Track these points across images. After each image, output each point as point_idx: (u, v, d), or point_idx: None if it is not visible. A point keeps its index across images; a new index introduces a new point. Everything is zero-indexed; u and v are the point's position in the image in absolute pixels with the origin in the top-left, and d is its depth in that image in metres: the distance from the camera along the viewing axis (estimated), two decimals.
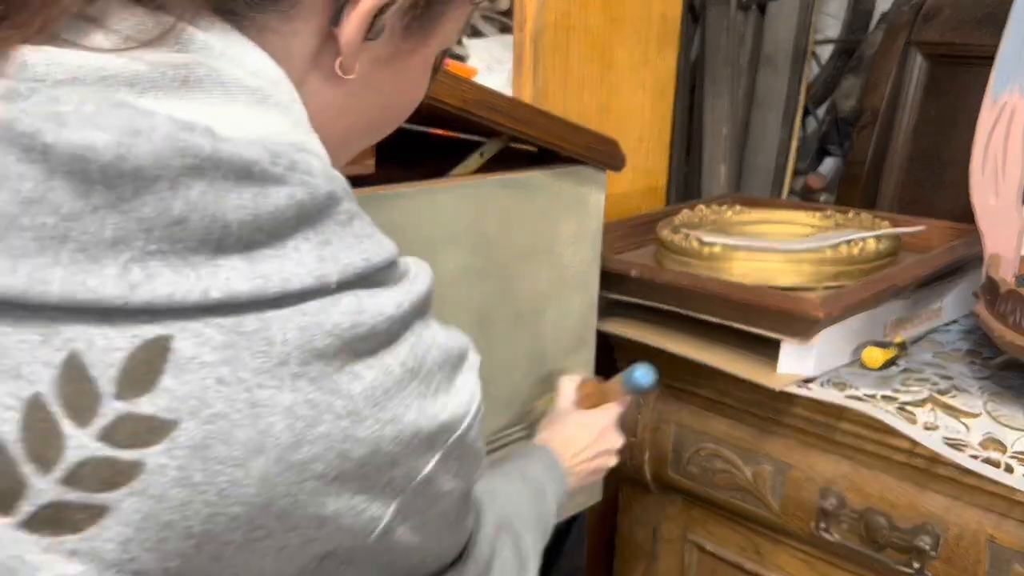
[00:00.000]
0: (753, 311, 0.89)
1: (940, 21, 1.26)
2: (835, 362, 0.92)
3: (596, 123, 1.17)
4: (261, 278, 0.30)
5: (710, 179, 1.45)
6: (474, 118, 0.78)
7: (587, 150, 0.89)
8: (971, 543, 0.79)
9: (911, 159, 1.29)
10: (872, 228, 1.09)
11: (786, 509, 0.93)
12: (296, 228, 0.32)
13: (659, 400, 1.06)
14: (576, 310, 0.96)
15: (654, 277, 0.98)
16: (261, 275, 0.30)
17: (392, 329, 0.34)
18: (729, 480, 0.99)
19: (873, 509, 0.86)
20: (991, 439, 0.79)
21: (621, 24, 1.18)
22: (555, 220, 0.89)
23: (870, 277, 0.94)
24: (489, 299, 0.85)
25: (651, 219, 1.19)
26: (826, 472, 0.90)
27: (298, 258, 0.31)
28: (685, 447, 1.03)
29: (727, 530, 1.03)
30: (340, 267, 0.33)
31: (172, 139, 0.29)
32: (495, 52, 1.38)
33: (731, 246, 1.00)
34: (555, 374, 0.89)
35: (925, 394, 0.86)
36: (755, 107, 1.45)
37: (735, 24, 1.41)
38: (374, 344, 0.33)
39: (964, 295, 1.06)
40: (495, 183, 0.82)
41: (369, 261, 0.34)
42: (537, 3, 1.05)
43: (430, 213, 0.77)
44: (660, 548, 1.12)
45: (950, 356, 0.97)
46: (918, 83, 1.28)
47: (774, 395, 0.90)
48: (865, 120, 1.32)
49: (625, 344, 1.07)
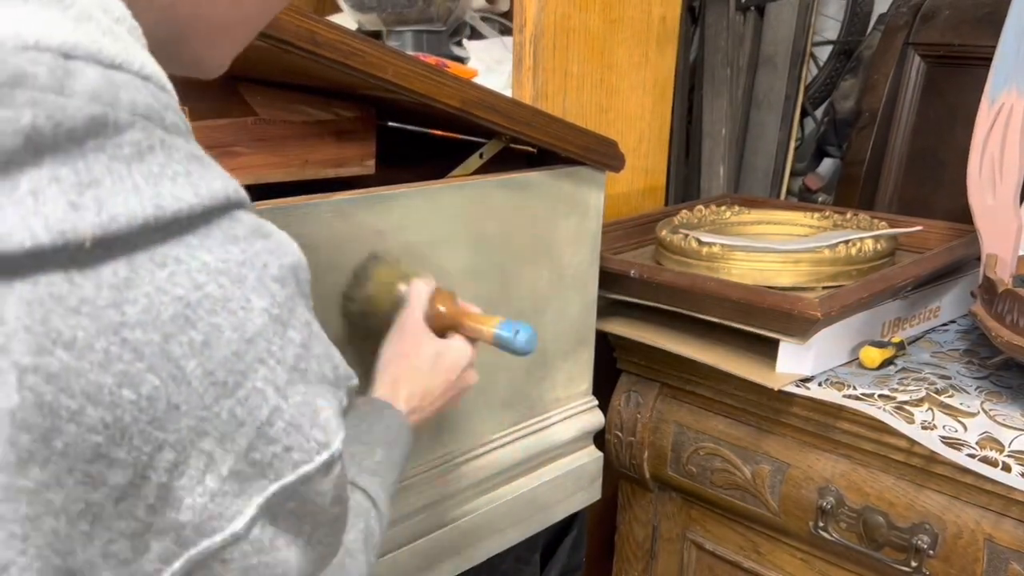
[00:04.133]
0: (752, 311, 0.89)
1: (938, 22, 1.26)
2: (833, 362, 0.93)
3: (595, 124, 1.17)
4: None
5: (709, 179, 1.46)
6: (474, 119, 0.78)
7: (586, 151, 0.89)
8: (969, 542, 0.80)
9: (909, 160, 1.30)
10: (870, 228, 1.09)
11: (785, 508, 0.94)
12: (32, 163, 0.23)
13: (658, 399, 1.06)
14: (575, 310, 0.96)
15: (653, 277, 0.98)
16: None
17: (193, 317, 0.25)
18: (728, 479, 0.99)
19: (871, 508, 0.86)
20: (988, 438, 0.79)
21: (620, 25, 1.18)
22: (554, 220, 0.90)
23: (868, 277, 0.95)
24: (489, 299, 0.85)
25: (650, 219, 1.19)
26: (824, 471, 0.90)
27: (33, 205, 0.23)
28: (684, 446, 1.03)
29: (726, 529, 1.04)
30: (104, 218, 0.24)
31: None
32: (495, 53, 1.39)
33: (730, 246, 1.00)
34: (403, 270, 0.74)
35: (923, 393, 0.87)
36: (754, 108, 1.46)
37: (734, 25, 1.41)
38: (159, 335, 0.25)
39: (962, 295, 1.06)
40: (495, 183, 0.83)
41: (161, 209, 0.25)
42: (537, 5, 1.06)
43: (430, 213, 0.77)
44: (659, 547, 1.12)
45: (948, 356, 0.97)
46: (916, 84, 1.29)
47: (773, 394, 0.90)
48: (863, 121, 1.32)
49: (624, 344, 1.07)
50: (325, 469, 0.30)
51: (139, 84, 0.26)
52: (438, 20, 1.44)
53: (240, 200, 0.28)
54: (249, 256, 0.27)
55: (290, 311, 0.28)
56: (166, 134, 0.26)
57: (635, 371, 1.09)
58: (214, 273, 0.26)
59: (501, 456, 0.91)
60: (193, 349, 0.25)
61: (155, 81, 0.28)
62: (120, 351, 0.24)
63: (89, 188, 0.24)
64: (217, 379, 0.26)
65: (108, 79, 0.25)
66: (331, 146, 0.87)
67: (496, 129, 0.81)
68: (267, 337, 0.27)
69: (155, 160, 0.26)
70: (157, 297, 0.25)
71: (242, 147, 0.81)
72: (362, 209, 0.71)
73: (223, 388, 0.26)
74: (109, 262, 0.24)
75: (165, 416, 0.25)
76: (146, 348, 0.24)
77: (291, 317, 0.29)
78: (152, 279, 0.25)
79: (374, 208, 0.73)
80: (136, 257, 0.25)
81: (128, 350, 0.24)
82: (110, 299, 0.24)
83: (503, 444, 0.92)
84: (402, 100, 0.78)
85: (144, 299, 0.25)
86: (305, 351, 0.29)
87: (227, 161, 0.81)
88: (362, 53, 0.67)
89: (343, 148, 0.88)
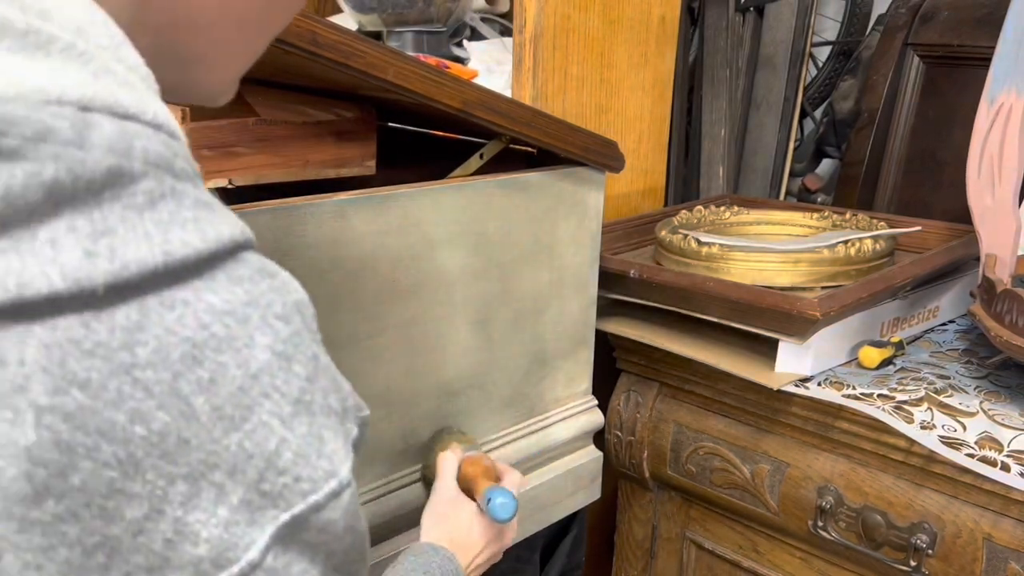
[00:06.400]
0: (751, 311, 0.90)
1: (937, 23, 1.27)
2: (832, 361, 0.93)
3: (595, 124, 1.17)
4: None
5: (708, 180, 1.46)
6: (474, 119, 0.78)
7: (586, 151, 0.89)
8: (968, 541, 0.80)
9: (908, 160, 1.30)
10: (869, 229, 1.09)
11: (784, 507, 0.94)
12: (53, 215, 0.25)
13: (658, 399, 1.06)
14: (575, 310, 0.96)
15: (653, 277, 0.98)
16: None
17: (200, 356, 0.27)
18: (727, 479, 0.99)
19: (870, 507, 0.86)
20: (987, 438, 0.79)
21: (620, 26, 1.19)
22: (554, 221, 0.90)
23: (867, 277, 0.95)
24: (489, 299, 0.85)
25: (650, 220, 1.20)
26: (823, 471, 0.90)
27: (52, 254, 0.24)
28: (683, 446, 1.03)
29: (725, 528, 1.04)
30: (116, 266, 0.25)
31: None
32: (495, 54, 1.39)
33: (729, 246, 1.00)
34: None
35: (922, 393, 0.87)
36: (753, 108, 1.46)
37: (733, 26, 1.42)
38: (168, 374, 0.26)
39: (961, 295, 1.07)
40: (495, 184, 0.83)
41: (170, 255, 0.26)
42: (537, 6, 1.06)
43: (430, 213, 0.77)
44: (659, 546, 1.12)
45: (947, 355, 0.98)
46: (915, 84, 1.29)
47: (772, 394, 0.91)
48: (862, 121, 1.32)
49: (624, 343, 1.07)
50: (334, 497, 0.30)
51: (151, 133, 0.28)
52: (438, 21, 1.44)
53: (246, 241, 0.29)
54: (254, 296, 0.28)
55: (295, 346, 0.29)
56: (176, 181, 0.27)
57: (635, 371, 1.09)
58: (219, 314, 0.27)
59: (501, 456, 0.91)
60: (201, 386, 0.27)
61: (166, 129, 0.29)
62: (132, 390, 0.25)
63: (103, 237, 0.25)
64: (224, 413, 0.27)
65: (123, 130, 0.26)
66: (332, 147, 0.87)
67: (496, 130, 0.81)
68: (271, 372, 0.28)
69: (166, 207, 0.27)
70: (166, 338, 0.26)
71: (243, 147, 0.82)
72: (362, 209, 0.72)
73: (231, 422, 0.27)
74: (121, 306, 0.25)
75: (176, 450, 0.26)
76: (156, 387, 0.26)
77: (295, 352, 0.29)
78: (161, 321, 0.26)
79: (374, 208, 0.73)
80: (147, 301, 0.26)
81: (139, 389, 0.25)
82: (122, 341, 0.25)
83: (503, 444, 0.92)
84: (403, 101, 0.78)
85: (154, 341, 0.26)
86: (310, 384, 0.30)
87: (228, 161, 0.81)
88: (363, 54, 0.68)
89: (344, 149, 0.88)
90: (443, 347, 0.82)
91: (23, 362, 0.24)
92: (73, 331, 0.24)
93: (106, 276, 0.25)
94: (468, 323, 0.84)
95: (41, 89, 0.25)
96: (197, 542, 0.27)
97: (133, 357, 0.25)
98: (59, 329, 0.24)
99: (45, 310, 0.24)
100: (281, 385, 0.29)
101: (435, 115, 0.85)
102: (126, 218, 0.26)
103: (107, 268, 0.25)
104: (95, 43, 0.28)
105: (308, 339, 0.30)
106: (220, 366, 0.27)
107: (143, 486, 0.25)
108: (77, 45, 0.27)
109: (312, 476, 0.30)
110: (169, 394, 0.26)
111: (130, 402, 0.25)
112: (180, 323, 0.26)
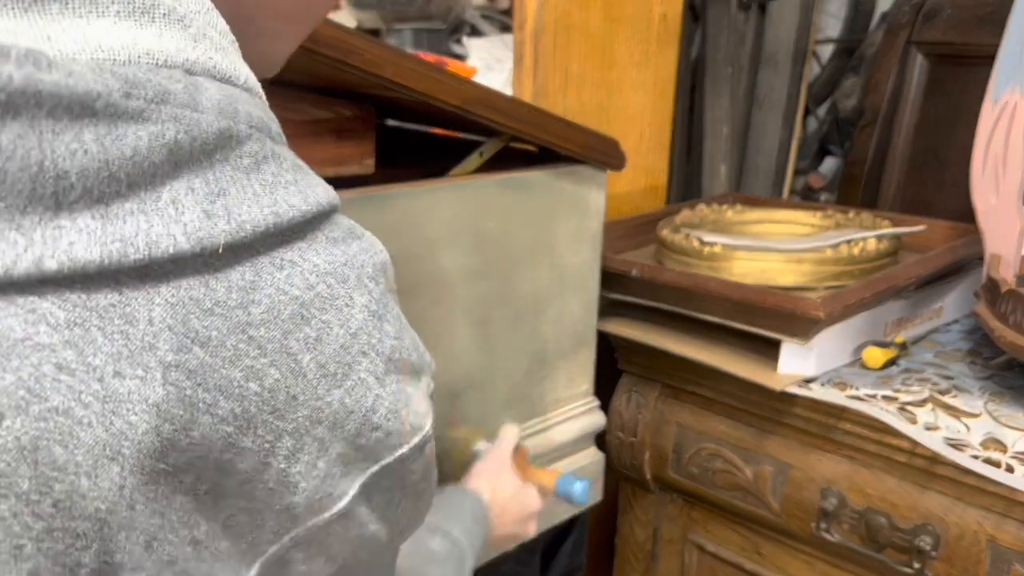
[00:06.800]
0: (754, 311, 0.89)
1: (941, 20, 1.26)
2: (836, 362, 0.92)
3: (596, 122, 1.17)
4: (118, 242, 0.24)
5: (710, 178, 1.45)
6: (474, 117, 0.78)
7: (587, 149, 0.89)
8: (971, 543, 0.79)
9: (912, 159, 1.29)
10: (873, 228, 1.09)
11: (787, 509, 0.93)
12: (174, 176, 0.26)
13: (660, 400, 1.06)
14: (576, 310, 0.95)
15: (654, 277, 0.98)
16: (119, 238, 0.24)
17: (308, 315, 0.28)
18: (730, 480, 0.98)
19: (874, 509, 0.85)
20: (992, 439, 0.79)
21: (621, 23, 1.18)
22: (555, 220, 0.89)
23: (871, 277, 0.94)
24: (489, 299, 0.85)
25: (651, 219, 1.19)
26: (827, 472, 0.90)
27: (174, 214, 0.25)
28: (685, 447, 1.03)
29: (728, 530, 1.03)
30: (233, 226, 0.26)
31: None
32: (495, 51, 1.38)
33: (731, 246, 0.99)
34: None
35: (926, 394, 0.86)
36: (756, 107, 1.45)
37: (736, 23, 1.41)
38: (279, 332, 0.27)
39: (965, 295, 1.06)
40: (495, 183, 0.82)
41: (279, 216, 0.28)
42: (537, 2, 1.05)
43: (430, 213, 0.77)
44: (660, 548, 1.12)
45: (951, 356, 0.97)
46: (919, 83, 1.28)
47: (775, 395, 0.90)
48: (866, 120, 1.32)
49: (625, 344, 1.07)
50: (418, 450, 0.33)
51: (247, 97, 0.29)
52: (438, 18, 1.44)
53: (336, 204, 0.31)
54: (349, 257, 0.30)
55: (384, 306, 0.31)
56: (274, 144, 0.29)
57: (636, 372, 1.09)
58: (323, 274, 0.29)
59: None
60: (307, 344, 0.28)
61: (256, 93, 0.30)
62: (247, 348, 0.27)
63: (219, 198, 0.26)
64: (328, 371, 0.29)
65: (226, 93, 0.28)
66: (330, 145, 0.86)
67: (496, 128, 0.81)
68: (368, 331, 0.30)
69: (269, 170, 0.28)
70: (277, 297, 0.27)
71: None
72: (361, 208, 0.71)
73: (333, 379, 0.29)
74: (237, 266, 0.27)
75: (285, 406, 0.28)
76: (268, 344, 0.27)
77: (385, 311, 0.31)
78: (273, 281, 0.27)
79: (373, 207, 0.72)
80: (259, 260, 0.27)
81: (254, 346, 0.27)
82: (239, 300, 0.26)
83: None
84: (402, 98, 0.77)
85: (267, 300, 0.27)
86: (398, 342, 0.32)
87: None
88: (361, 51, 0.67)
89: (342, 147, 0.87)
90: (442, 347, 0.82)
91: (151, 321, 0.25)
92: (195, 290, 0.26)
93: (225, 236, 0.26)
94: (468, 323, 0.83)
95: (149, 53, 0.26)
96: (296, 491, 0.29)
97: (248, 316, 0.26)
98: (182, 288, 0.25)
99: (170, 270, 0.25)
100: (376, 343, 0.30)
101: (434, 113, 0.84)
102: (236, 179, 0.27)
103: (225, 228, 0.26)
104: (191, 7, 0.29)
105: (391, 298, 0.32)
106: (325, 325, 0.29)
107: (254, 440, 0.27)
108: (177, 10, 0.28)
109: (401, 431, 0.32)
110: (280, 352, 0.27)
111: (245, 359, 0.26)
112: (289, 282, 0.28)
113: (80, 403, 0.24)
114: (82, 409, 0.24)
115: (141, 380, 0.25)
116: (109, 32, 0.26)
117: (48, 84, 0.23)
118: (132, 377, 0.24)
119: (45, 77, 0.23)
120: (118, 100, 0.25)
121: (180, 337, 0.25)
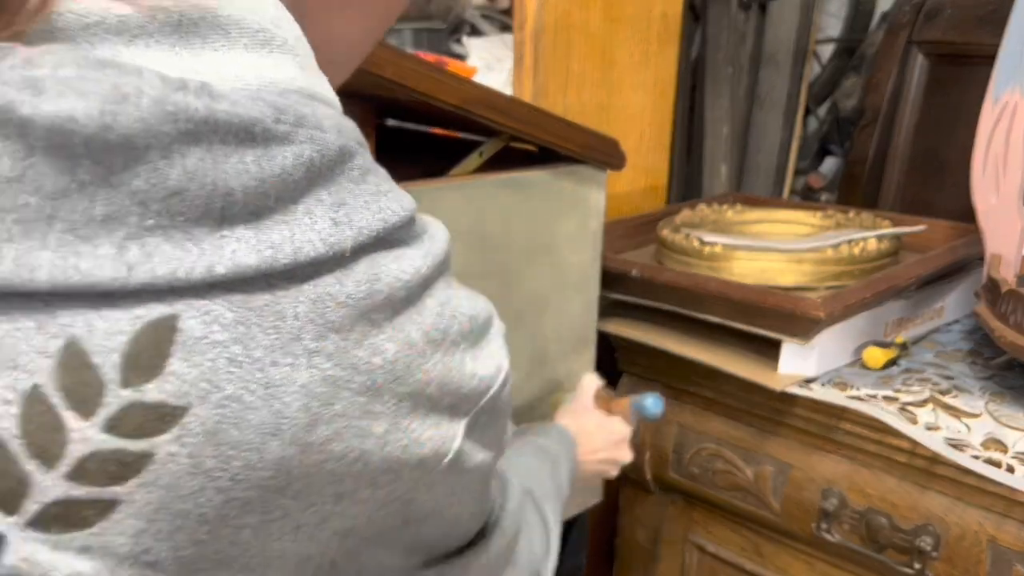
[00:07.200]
0: (754, 311, 0.89)
1: (941, 20, 1.26)
2: (836, 362, 0.92)
3: (596, 122, 1.16)
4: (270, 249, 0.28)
5: (711, 178, 1.45)
6: (474, 117, 0.78)
7: (587, 149, 0.89)
8: (972, 544, 0.79)
9: (912, 159, 1.29)
10: (873, 228, 1.08)
11: (787, 510, 0.93)
12: (308, 190, 0.30)
13: None
14: (576, 310, 0.95)
15: (655, 277, 0.98)
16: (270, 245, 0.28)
17: (412, 295, 0.33)
18: (730, 481, 0.98)
19: (874, 509, 0.85)
20: (992, 439, 0.78)
21: (621, 23, 1.18)
22: (555, 220, 0.89)
23: (871, 277, 0.94)
24: (489, 299, 0.85)
25: (652, 219, 1.19)
26: (827, 472, 0.90)
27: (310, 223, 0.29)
28: (686, 448, 1.02)
29: (728, 531, 1.03)
30: (355, 231, 0.31)
31: (162, 103, 0.26)
32: (495, 51, 1.38)
33: (732, 246, 0.99)
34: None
35: (926, 394, 0.86)
36: (756, 106, 1.45)
37: (736, 23, 1.41)
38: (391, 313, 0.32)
39: (965, 295, 1.06)
40: (495, 183, 0.82)
41: (386, 222, 0.32)
42: (537, 2, 1.05)
43: (430, 213, 0.76)
44: (661, 549, 1.12)
45: (951, 356, 0.97)
46: (919, 82, 1.28)
47: (775, 395, 0.90)
48: (866, 119, 1.31)
49: (626, 344, 1.06)
50: (502, 387, 0.40)
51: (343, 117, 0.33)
52: (438, 17, 1.44)
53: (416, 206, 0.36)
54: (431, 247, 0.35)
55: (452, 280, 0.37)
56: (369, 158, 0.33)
57: (636, 372, 1.09)
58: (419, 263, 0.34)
59: None
60: (413, 319, 0.33)
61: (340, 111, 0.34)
62: (369, 328, 0.31)
63: (341, 207, 0.30)
64: (431, 338, 0.34)
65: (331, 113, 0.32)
66: None
67: (496, 127, 0.81)
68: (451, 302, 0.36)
69: (372, 180, 0.32)
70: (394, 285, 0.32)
71: None
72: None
73: (435, 345, 0.34)
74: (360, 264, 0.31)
75: (404, 373, 0.32)
76: (384, 323, 0.32)
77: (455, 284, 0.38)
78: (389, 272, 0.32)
79: None
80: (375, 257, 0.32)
81: (374, 327, 0.31)
82: (365, 292, 0.31)
83: None
84: (401, 98, 0.77)
85: (386, 288, 0.31)
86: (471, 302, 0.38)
87: None
88: None
89: None
90: None
91: (297, 316, 0.29)
92: (330, 287, 0.30)
93: (351, 241, 0.30)
94: None
95: (273, 82, 0.31)
96: (423, 444, 0.34)
97: (371, 303, 0.31)
98: (320, 286, 0.30)
99: (310, 271, 0.29)
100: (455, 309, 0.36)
101: (434, 113, 0.84)
102: (350, 190, 0.31)
103: (350, 234, 0.30)
104: (292, 36, 0.33)
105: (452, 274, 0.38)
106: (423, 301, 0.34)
107: (383, 406, 0.32)
108: (287, 41, 0.32)
109: (489, 375, 0.38)
110: (394, 328, 0.32)
111: (369, 338, 0.31)
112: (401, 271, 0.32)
113: (248, 391, 0.28)
114: (249, 396, 0.28)
115: (291, 367, 0.29)
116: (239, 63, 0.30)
117: (221, 113, 0.27)
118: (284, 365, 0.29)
119: (218, 107, 0.27)
120: (271, 125, 0.29)
121: (319, 327, 0.30)
